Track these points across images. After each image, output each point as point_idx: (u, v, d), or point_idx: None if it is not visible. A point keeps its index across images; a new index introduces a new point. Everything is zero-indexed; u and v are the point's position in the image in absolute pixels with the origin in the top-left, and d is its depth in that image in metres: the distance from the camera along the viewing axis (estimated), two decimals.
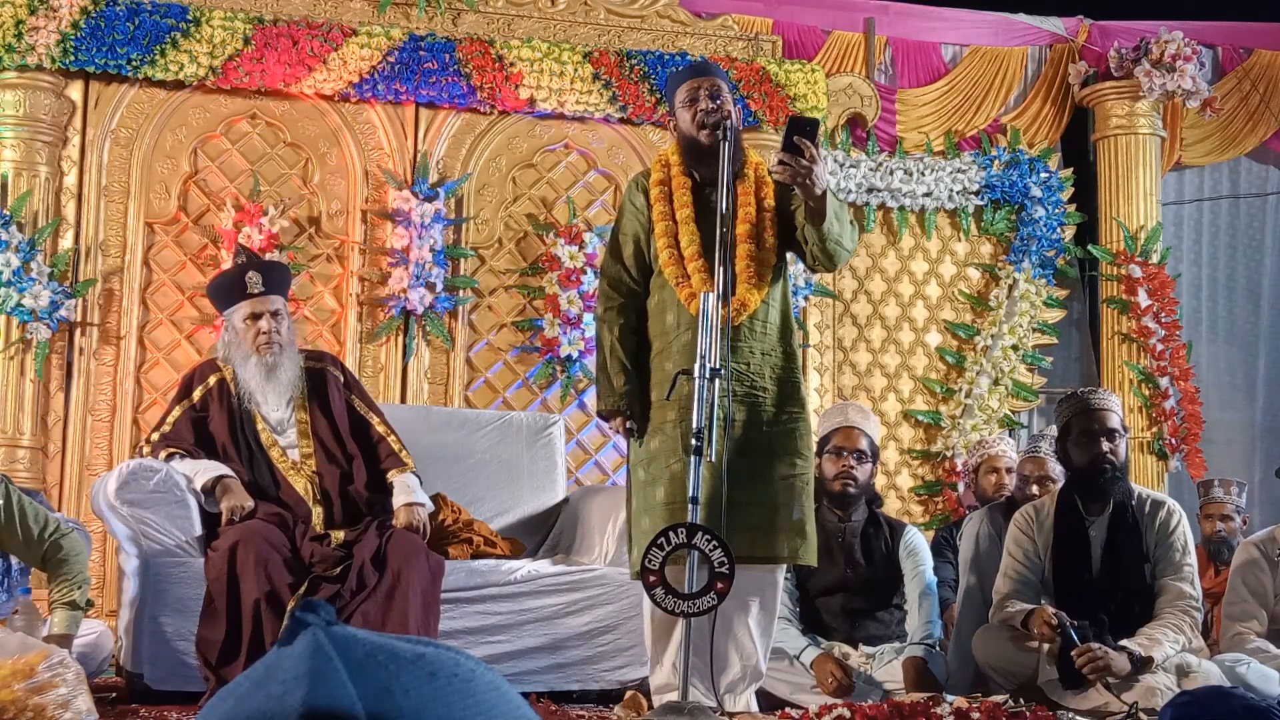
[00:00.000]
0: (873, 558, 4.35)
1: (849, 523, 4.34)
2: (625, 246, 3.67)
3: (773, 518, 3.49)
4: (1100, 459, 3.99)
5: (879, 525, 4.41)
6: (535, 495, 4.93)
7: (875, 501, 4.49)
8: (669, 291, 3.55)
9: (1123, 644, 3.75)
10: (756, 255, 3.55)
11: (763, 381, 3.55)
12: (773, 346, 3.58)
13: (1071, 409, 4.10)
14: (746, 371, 3.53)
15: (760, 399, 3.54)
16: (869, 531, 4.38)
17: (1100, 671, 3.66)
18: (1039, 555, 4.08)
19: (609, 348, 3.61)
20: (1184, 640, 3.86)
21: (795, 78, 6.37)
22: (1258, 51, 7.26)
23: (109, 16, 5.61)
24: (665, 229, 3.58)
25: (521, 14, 6.23)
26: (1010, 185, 6.75)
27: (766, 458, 3.51)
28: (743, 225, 3.56)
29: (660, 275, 3.59)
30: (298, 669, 0.62)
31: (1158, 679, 3.68)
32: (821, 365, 6.53)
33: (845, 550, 4.32)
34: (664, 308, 3.58)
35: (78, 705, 3.01)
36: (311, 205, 6.00)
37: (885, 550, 4.36)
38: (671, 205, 3.59)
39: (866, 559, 4.34)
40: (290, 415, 4.19)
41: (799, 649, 4.08)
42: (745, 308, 3.50)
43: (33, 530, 3.76)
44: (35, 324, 5.48)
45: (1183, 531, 4.05)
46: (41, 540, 3.77)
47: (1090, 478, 4.02)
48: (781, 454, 3.53)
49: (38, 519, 3.78)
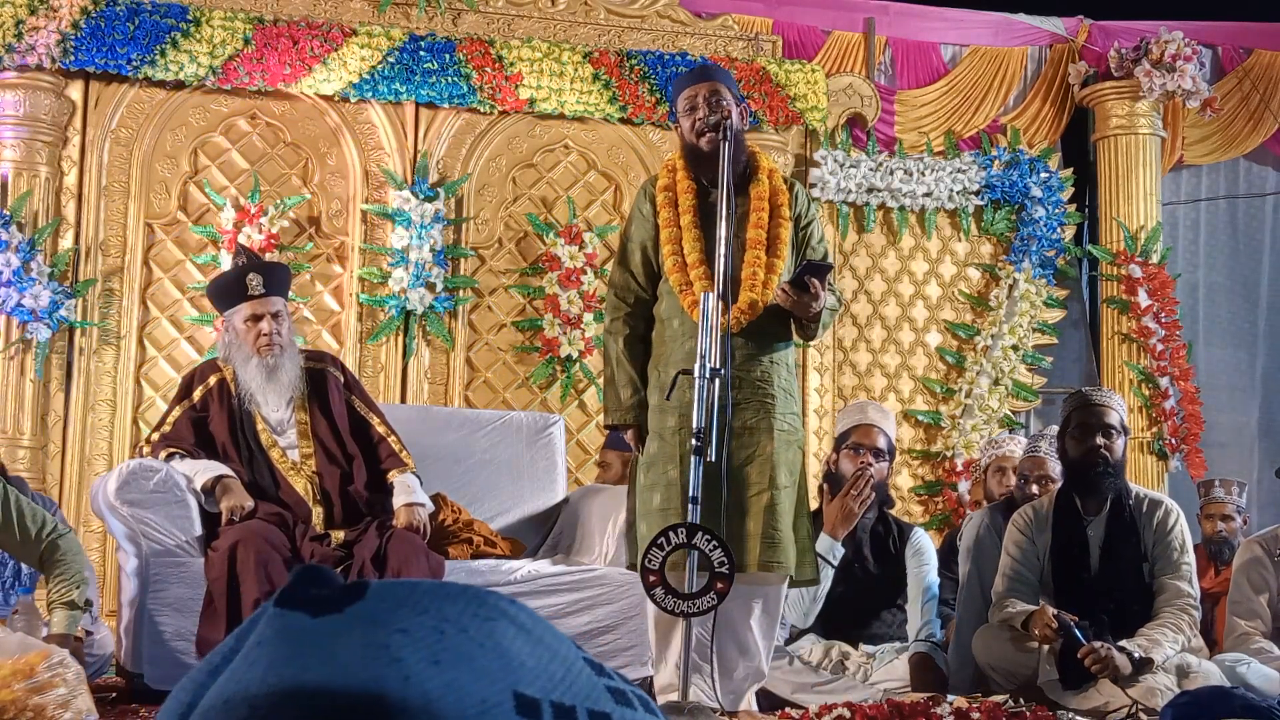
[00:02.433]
0: (880, 557, 4.36)
1: (861, 520, 4.36)
2: (633, 254, 3.67)
3: (763, 526, 3.47)
4: (1093, 452, 3.99)
5: (888, 525, 4.43)
6: (535, 495, 4.93)
7: (887, 502, 4.51)
8: (675, 298, 3.56)
9: (1122, 645, 3.75)
10: (766, 262, 3.55)
11: (770, 388, 3.55)
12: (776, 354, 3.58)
13: (1073, 404, 4.14)
14: (748, 376, 3.53)
15: (768, 404, 3.54)
16: (878, 530, 4.40)
17: (1105, 669, 3.66)
18: (1038, 555, 4.08)
19: (615, 359, 3.61)
20: (1183, 640, 3.86)
21: (795, 78, 6.37)
22: (1258, 51, 7.26)
23: (109, 16, 5.61)
24: (670, 235, 3.57)
25: (521, 14, 6.23)
26: (1010, 185, 6.75)
27: (765, 465, 3.50)
28: (754, 230, 3.56)
29: (666, 281, 3.59)
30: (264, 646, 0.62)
31: (1158, 679, 3.68)
32: (821, 365, 6.53)
33: (854, 547, 4.34)
34: (670, 314, 3.59)
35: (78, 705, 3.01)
36: (311, 205, 6.00)
37: (893, 550, 4.38)
38: (676, 211, 3.59)
39: (875, 557, 4.36)
40: (290, 416, 4.19)
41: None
42: (752, 311, 3.50)
43: (30, 530, 3.76)
44: (35, 324, 5.48)
45: (1181, 530, 4.05)
46: (39, 540, 3.76)
47: (1083, 471, 4.02)
48: (780, 462, 3.52)
49: (35, 519, 3.78)
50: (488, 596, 0.64)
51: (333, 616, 0.61)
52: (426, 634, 0.60)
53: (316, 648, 0.60)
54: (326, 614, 0.61)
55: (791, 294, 3.44)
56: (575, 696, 0.62)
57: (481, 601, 0.63)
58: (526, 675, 0.61)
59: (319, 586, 0.62)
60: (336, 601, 0.62)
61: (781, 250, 3.59)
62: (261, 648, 0.61)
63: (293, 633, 0.61)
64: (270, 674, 0.59)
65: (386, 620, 0.61)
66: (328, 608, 0.61)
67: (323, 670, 0.59)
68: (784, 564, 3.49)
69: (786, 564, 3.50)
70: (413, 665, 0.59)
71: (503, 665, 0.61)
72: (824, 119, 6.46)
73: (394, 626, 0.61)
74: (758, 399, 3.53)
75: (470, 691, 0.59)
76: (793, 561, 3.52)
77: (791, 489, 3.56)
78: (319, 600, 0.62)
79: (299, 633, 0.61)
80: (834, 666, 4.14)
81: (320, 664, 0.59)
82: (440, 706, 0.58)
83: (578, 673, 0.63)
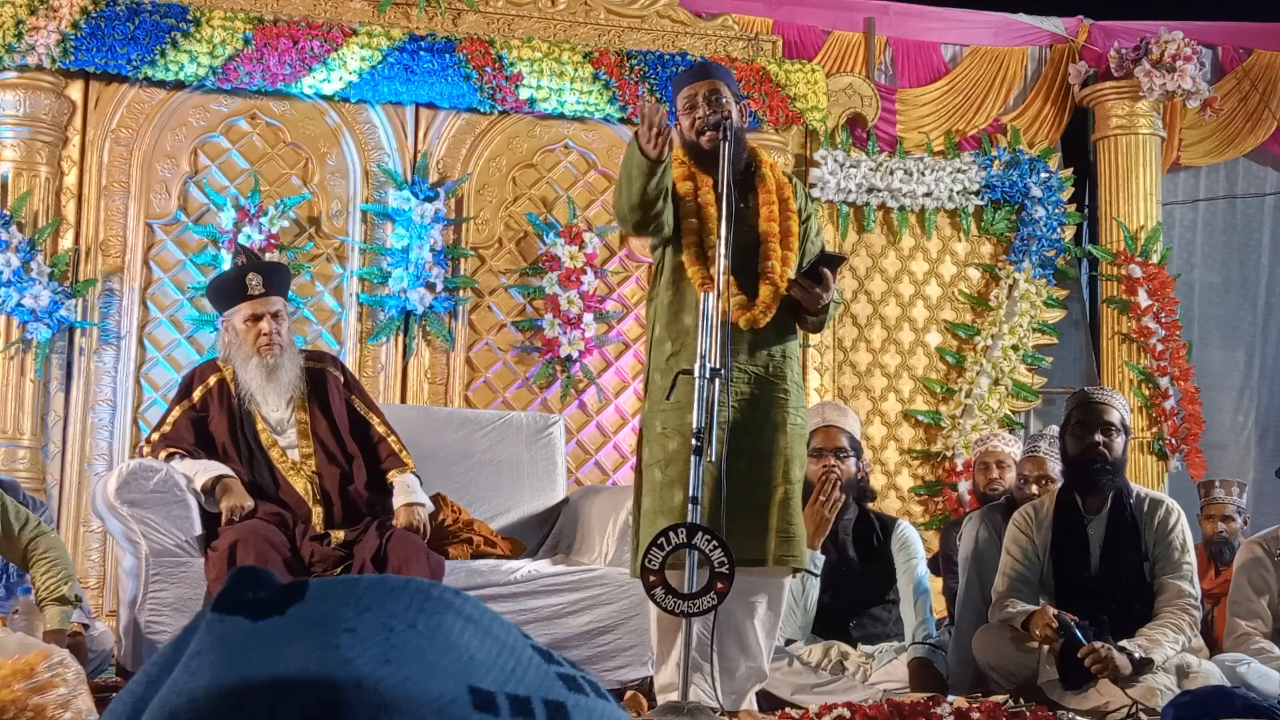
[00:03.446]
0: (865, 554, 4.36)
1: (841, 520, 4.35)
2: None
3: (769, 521, 3.48)
4: (1092, 449, 3.99)
5: (869, 521, 4.42)
6: (535, 495, 4.93)
7: (865, 496, 4.49)
8: (688, 292, 3.52)
9: (1123, 645, 3.75)
10: (781, 255, 3.53)
11: (784, 384, 3.55)
12: (788, 348, 3.58)
13: (1074, 402, 4.14)
14: (766, 373, 3.52)
15: (781, 399, 3.54)
16: (859, 528, 4.39)
17: (1105, 669, 3.66)
18: (1038, 555, 4.08)
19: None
20: (1184, 640, 3.85)
21: (795, 78, 6.37)
22: (1258, 51, 7.26)
23: (109, 16, 5.61)
24: (690, 226, 3.53)
25: (521, 14, 6.23)
26: (1010, 185, 6.75)
27: (779, 460, 3.50)
28: (767, 224, 3.54)
29: (676, 271, 3.55)
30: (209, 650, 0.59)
31: (1158, 679, 3.68)
32: (821, 365, 6.53)
33: (838, 548, 4.33)
34: (681, 308, 3.55)
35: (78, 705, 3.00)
36: (311, 205, 6.00)
37: (878, 545, 4.37)
38: (696, 203, 3.54)
39: (859, 555, 4.35)
40: (290, 415, 4.19)
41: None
42: (774, 303, 3.49)
43: (14, 527, 3.76)
44: (35, 324, 5.48)
45: (1181, 530, 4.05)
46: (22, 537, 3.76)
47: (1082, 468, 4.02)
48: (794, 457, 3.53)
49: (19, 516, 3.78)
50: (431, 589, 0.62)
51: (274, 619, 0.59)
52: (374, 631, 0.58)
53: (259, 651, 0.57)
54: (267, 616, 0.59)
55: (806, 285, 3.41)
56: (529, 687, 0.61)
57: (426, 595, 0.62)
58: (479, 668, 0.60)
59: (257, 588, 0.60)
60: (276, 603, 0.59)
61: (793, 243, 3.57)
62: (202, 655, 0.58)
63: (233, 637, 0.58)
64: (214, 682, 0.57)
65: (332, 620, 0.59)
66: (268, 610, 0.59)
67: (269, 669, 0.57)
68: (797, 557, 3.51)
69: (800, 558, 3.53)
70: (363, 666, 0.57)
71: (454, 660, 0.59)
72: (824, 119, 6.46)
73: (340, 626, 0.58)
74: (771, 393, 3.53)
75: (425, 689, 0.57)
76: (804, 556, 3.56)
77: (800, 484, 3.57)
78: (258, 603, 0.59)
79: (240, 636, 0.58)
80: (833, 667, 4.14)
81: (264, 666, 0.57)
82: (396, 706, 0.56)
83: (528, 662, 0.62)
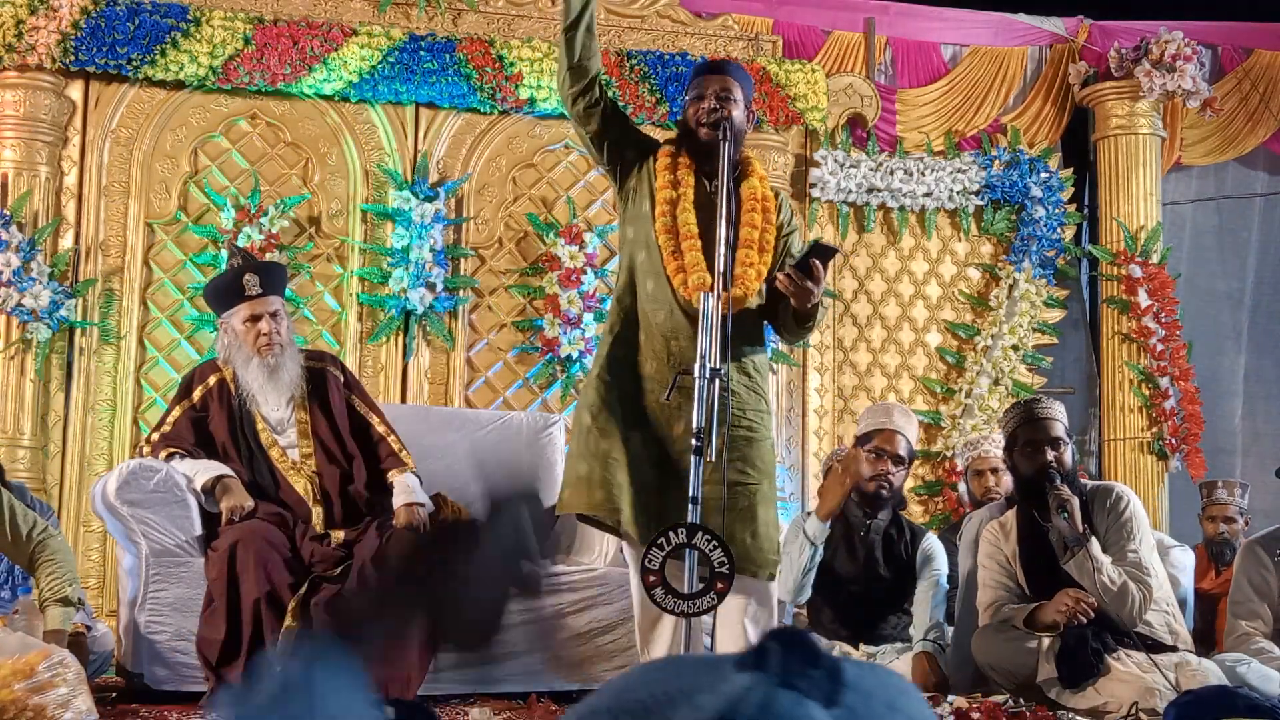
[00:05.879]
0: (892, 561, 4.37)
1: (874, 521, 4.37)
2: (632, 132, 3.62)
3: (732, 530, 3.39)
4: (1045, 468, 4.03)
5: (901, 529, 4.44)
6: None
7: (900, 504, 4.52)
8: (661, 288, 3.46)
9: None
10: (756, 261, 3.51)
11: (750, 393, 3.49)
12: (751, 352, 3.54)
13: (1016, 419, 4.15)
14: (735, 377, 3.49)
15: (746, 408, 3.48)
16: (891, 534, 4.41)
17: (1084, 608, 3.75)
18: (1009, 562, 4.13)
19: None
20: (1131, 589, 3.84)
21: (795, 78, 6.37)
22: (1258, 51, 7.26)
23: (109, 16, 5.61)
24: (666, 225, 3.49)
25: (521, 14, 6.23)
26: (1010, 185, 6.75)
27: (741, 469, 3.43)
28: (747, 229, 3.52)
29: (633, 259, 3.52)
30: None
31: (1157, 679, 3.67)
32: (821, 365, 6.53)
33: (866, 548, 4.36)
34: (626, 290, 3.49)
35: (78, 705, 3.01)
36: (311, 205, 6.00)
37: (904, 555, 4.39)
38: (676, 195, 3.51)
39: (886, 560, 4.37)
40: (290, 415, 4.19)
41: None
42: (737, 306, 3.45)
43: (21, 530, 3.76)
44: (35, 324, 5.48)
45: (1132, 511, 4.06)
46: (30, 539, 3.77)
47: (1038, 486, 4.04)
48: (733, 459, 3.37)
49: (26, 519, 3.78)
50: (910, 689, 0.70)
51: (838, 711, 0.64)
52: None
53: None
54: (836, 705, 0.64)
55: (795, 278, 3.32)
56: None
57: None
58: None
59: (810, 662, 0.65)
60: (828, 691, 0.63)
61: (768, 253, 3.55)
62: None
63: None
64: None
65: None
66: (835, 700, 0.64)
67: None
68: (763, 566, 3.39)
69: (766, 566, 3.39)
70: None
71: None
72: (824, 119, 6.47)
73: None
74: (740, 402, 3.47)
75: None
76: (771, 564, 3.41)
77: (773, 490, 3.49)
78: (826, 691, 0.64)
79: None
80: None
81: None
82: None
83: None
